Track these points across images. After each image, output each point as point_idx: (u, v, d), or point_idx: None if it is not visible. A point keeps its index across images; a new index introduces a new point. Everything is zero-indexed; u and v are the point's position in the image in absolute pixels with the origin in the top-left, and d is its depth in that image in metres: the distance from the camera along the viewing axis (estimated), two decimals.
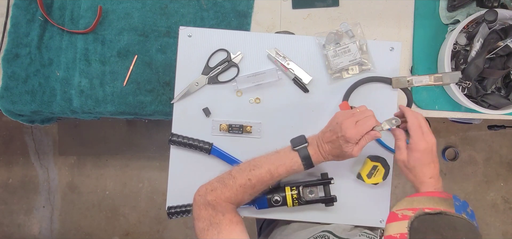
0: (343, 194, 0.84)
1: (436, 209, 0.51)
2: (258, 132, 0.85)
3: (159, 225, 2.03)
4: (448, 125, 2.02)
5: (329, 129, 0.70)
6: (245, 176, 0.71)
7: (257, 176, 0.71)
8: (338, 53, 0.83)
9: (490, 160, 2.04)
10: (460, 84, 0.92)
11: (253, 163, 0.73)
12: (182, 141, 0.83)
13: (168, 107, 0.99)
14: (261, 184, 0.72)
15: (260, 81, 0.84)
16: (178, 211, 0.83)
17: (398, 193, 2.02)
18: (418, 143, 0.67)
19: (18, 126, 2.02)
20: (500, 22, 0.91)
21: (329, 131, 0.70)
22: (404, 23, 1.01)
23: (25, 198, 2.05)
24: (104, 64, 0.99)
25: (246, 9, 1.01)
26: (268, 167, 0.71)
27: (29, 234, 2.05)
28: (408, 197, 0.55)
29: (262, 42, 0.85)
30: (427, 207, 0.52)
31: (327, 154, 0.71)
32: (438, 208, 0.52)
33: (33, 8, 1.00)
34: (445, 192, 0.57)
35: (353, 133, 0.67)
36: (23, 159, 2.05)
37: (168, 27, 1.00)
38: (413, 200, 0.54)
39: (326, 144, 0.70)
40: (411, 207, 0.53)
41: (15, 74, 0.99)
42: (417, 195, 0.56)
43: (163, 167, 2.02)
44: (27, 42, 1.00)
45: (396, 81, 0.82)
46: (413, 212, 0.51)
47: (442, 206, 0.52)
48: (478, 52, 0.91)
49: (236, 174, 0.72)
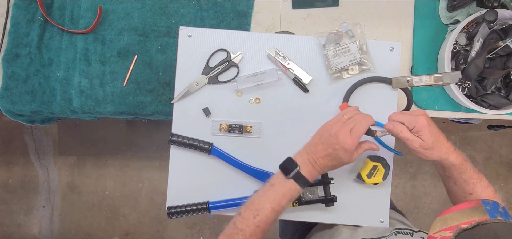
0: (343, 194, 0.84)
1: (472, 222, 0.50)
2: (258, 132, 0.85)
3: (159, 225, 2.03)
4: (448, 125, 2.02)
5: (321, 142, 0.68)
6: (252, 225, 0.68)
7: (264, 220, 0.68)
8: (338, 53, 0.83)
9: (490, 160, 2.04)
10: (460, 84, 0.92)
11: (254, 208, 0.69)
12: (182, 141, 0.83)
13: (168, 107, 0.99)
14: (270, 224, 0.70)
15: (260, 81, 0.84)
16: (178, 211, 0.83)
17: (398, 193, 2.02)
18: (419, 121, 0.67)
19: (18, 126, 2.02)
20: (500, 22, 0.91)
21: (322, 144, 0.68)
22: (404, 23, 1.01)
23: (25, 198, 2.05)
24: (104, 64, 0.99)
25: (246, 9, 1.01)
26: (270, 206, 0.69)
27: (29, 234, 2.05)
28: (439, 216, 0.54)
29: (262, 42, 0.85)
30: (462, 222, 0.51)
31: (323, 167, 0.69)
32: (473, 220, 0.51)
33: (33, 8, 1.00)
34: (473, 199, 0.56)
35: (351, 142, 0.66)
36: (23, 159, 2.05)
37: (168, 27, 1.00)
38: (446, 218, 0.53)
39: (321, 158, 0.68)
40: (446, 226, 0.52)
41: (15, 74, 0.99)
42: (448, 212, 0.55)
43: (163, 167, 2.02)
44: (27, 42, 1.00)
45: (396, 81, 0.82)
46: (451, 231, 0.51)
47: (476, 216, 0.51)
48: (478, 52, 0.91)
49: (242, 226, 0.69)
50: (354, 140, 0.66)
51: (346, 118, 0.69)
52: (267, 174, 0.83)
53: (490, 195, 0.73)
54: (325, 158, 0.68)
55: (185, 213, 0.83)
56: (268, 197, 0.70)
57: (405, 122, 0.68)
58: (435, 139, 0.67)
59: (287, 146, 0.85)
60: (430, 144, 0.67)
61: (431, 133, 0.67)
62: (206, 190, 0.85)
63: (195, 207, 0.83)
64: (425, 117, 0.67)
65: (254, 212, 0.69)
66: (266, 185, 0.72)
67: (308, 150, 0.70)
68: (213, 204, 0.83)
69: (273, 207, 0.69)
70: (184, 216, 0.83)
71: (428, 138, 0.66)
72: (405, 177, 2.03)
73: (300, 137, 0.85)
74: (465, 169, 0.71)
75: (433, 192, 2.03)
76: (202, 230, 2.03)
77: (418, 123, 0.67)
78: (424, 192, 2.03)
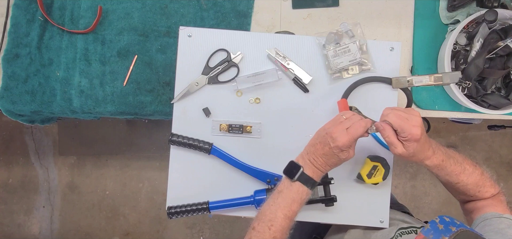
0: (343, 194, 0.84)
1: None
2: (258, 132, 0.85)
3: (159, 225, 2.03)
4: (448, 125, 2.02)
5: (318, 141, 0.69)
6: (269, 237, 0.67)
7: (279, 230, 0.68)
8: (338, 53, 0.83)
9: (490, 160, 2.04)
10: (460, 84, 0.92)
11: (266, 219, 0.68)
12: (182, 141, 0.83)
13: (168, 107, 0.99)
14: (286, 233, 0.70)
15: (260, 81, 0.84)
16: (178, 211, 0.83)
17: (398, 193, 2.02)
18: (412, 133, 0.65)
19: (18, 126, 2.02)
20: (500, 22, 0.91)
21: (319, 143, 0.68)
22: (404, 23, 1.01)
23: (25, 198, 2.05)
24: (104, 64, 0.99)
25: (246, 9, 1.01)
26: (282, 213, 0.68)
27: (29, 234, 2.05)
28: None
29: (262, 42, 0.85)
30: None
31: (324, 166, 0.69)
32: None
33: (33, 8, 1.00)
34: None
35: (346, 140, 0.66)
36: (23, 159, 2.05)
37: (168, 27, 1.00)
38: None
39: (320, 157, 0.69)
40: None
41: (15, 74, 0.99)
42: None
43: (163, 167, 2.02)
44: (27, 42, 1.00)
45: (396, 81, 0.82)
46: None
47: None
48: (478, 52, 0.91)
49: None
50: (350, 138, 0.66)
51: (344, 118, 0.69)
52: (267, 174, 0.83)
53: (476, 179, 0.74)
54: (323, 156, 0.69)
55: (185, 213, 0.83)
56: (279, 205, 0.69)
57: (398, 128, 0.66)
58: (418, 149, 0.67)
59: (287, 146, 0.85)
60: (411, 153, 0.67)
61: (419, 144, 0.66)
62: (206, 190, 0.85)
63: (195, 207, 0.83)
64: (420, 129, 0.65)
65: (267, 223, 0.68)
66: (274, 193, 0.71)
67: (308, 151, 0.71)
68: (213, 204, 0.83)
69: (285, 214, 0.68)
70: (184, 216, 0.83)
71: (413, 150, 0.66)
72: (405, 177, 2.03)
73: (300, 136, 0.85)
74: (444, 167, 0.72)
75: (433, 192, 2.03)
76: (202, 230, 2.03)
77: (412, 134, 0.65)
78: (424, 192, 2.03)
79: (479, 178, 0.75)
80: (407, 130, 0.65)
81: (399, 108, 0.70)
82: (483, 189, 0.75)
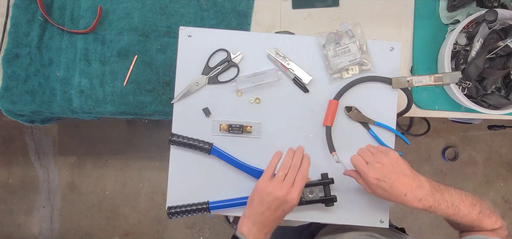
0: (343, 194, 0.84)
1: None
2: (258, 132, 0.85)
3: (159, 225, 2.03)
4: (448, 125, 2.02)
5: (266, 208, 0.67)
6: None
7: None
8: (338, 53, 0.83)
9: (490, 160, 2.04)
10: (460, 84, 0.92)
11: None
12: (182, 141, 0.83)
13: (168, 107, 0.99)
14: None
15: (260, 81, 0.84)
16: (178, 211, 0.83)
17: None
18: (368, 182, 0.67)
19: (18, 126, 2.02)
20: (500, 22, 0.91)
21: (267, 209, 0.67)
22: (404, 23, 1.01)
23: (25, 198, 2.05)
24: (104, 64, 0.99)
25: (246, 9, 1.01)
26: None
27: (29, 234, 2.05)
28: None
29: (262, 42, 0.85)
30: None
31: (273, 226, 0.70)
32: None
33: (33, 8, 1.00)
34: None
35: (298, 195, 0.68)
36: (23, 159, 2.05)
37: (168, 27, 1.00)
38: None
39: (270, 223, 0.68)
40: None
41: (15, 74, 1.00)
42: None
43: (163, 167, 2.02)
44: (27, 42, 1.00)
45: (396, 81, 0.82)
46: None
47: None
48: (478, 52, 0.91)
49: None
50: (301, 191, 0.68)
51: (282, 175, 0.69)
52: None
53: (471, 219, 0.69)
54: (274, 221, 0.69)
55: (185, 213, 0.83)
56: None
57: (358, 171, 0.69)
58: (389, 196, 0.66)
59: (287, 146, 0.85)
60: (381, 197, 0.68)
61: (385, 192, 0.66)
62: (206, 190, 0.85)
63: (195, 207, 0.83)
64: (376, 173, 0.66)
65: None
66: None
67: (255, 220, 0.69)
68: (213, 204, 0.83)
69: None
70: (184, 216, 0.83)
71: (380, 195, 0.67)
72: None
73: (300, 137, 0.85)
74: (432, 211, 0.68)
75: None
76: (202, 230, 2.03)
77: (368, 183, 0.67)
78: None
79: (475, 217, 0.69)
80: (364, 177, 0.68)
81: (372, 148, 0.70)
82: (479, 225, 0.70)
